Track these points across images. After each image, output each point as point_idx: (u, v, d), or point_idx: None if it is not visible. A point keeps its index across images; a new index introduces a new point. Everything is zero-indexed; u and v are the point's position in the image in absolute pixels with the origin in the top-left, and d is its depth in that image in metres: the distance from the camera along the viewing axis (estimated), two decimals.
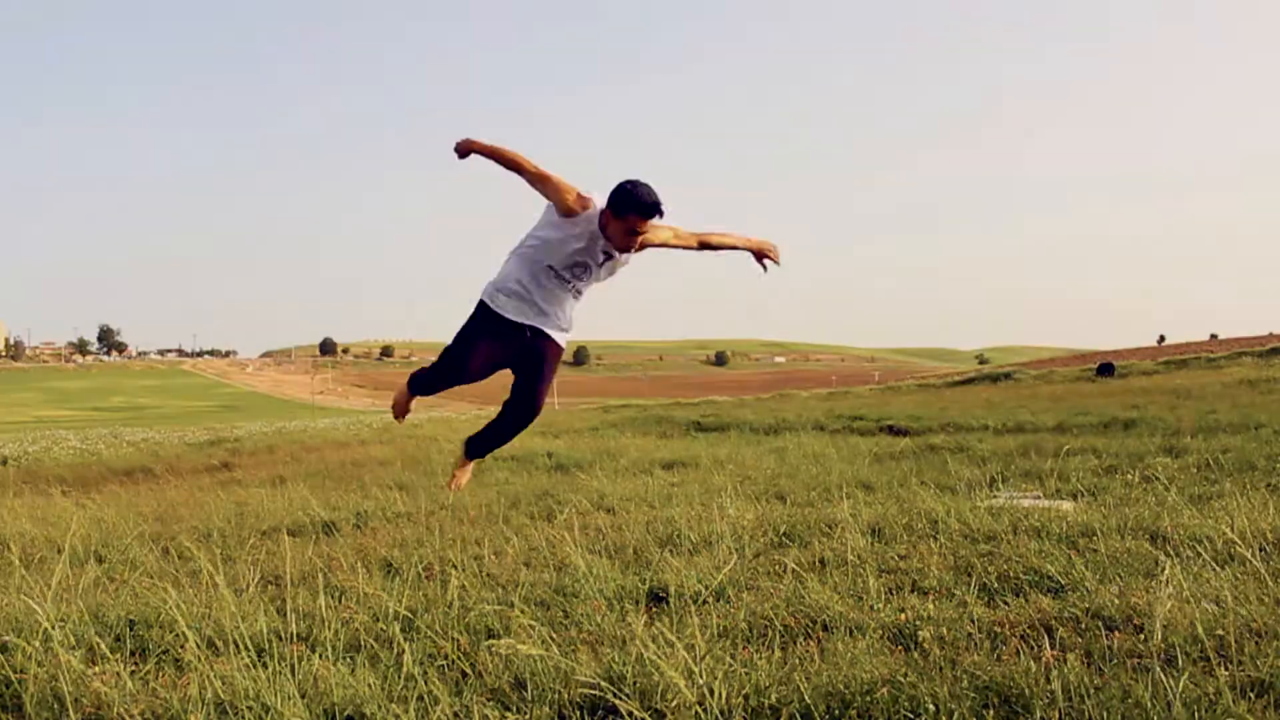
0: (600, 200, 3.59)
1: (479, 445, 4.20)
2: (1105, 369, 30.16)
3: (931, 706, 2.79)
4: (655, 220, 3.56)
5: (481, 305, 3.84)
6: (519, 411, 3.94)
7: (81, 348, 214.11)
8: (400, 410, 4.34)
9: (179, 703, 3.06)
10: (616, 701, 2.84)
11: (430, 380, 4.05)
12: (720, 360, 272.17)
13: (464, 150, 3.65)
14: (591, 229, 3.60)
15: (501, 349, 3.83)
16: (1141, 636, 3.25)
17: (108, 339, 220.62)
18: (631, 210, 3.50)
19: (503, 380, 4.05)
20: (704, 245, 3.91)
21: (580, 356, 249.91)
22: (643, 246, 3.72)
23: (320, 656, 3.43)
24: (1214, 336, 63.24)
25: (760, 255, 3.88)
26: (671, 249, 3.87)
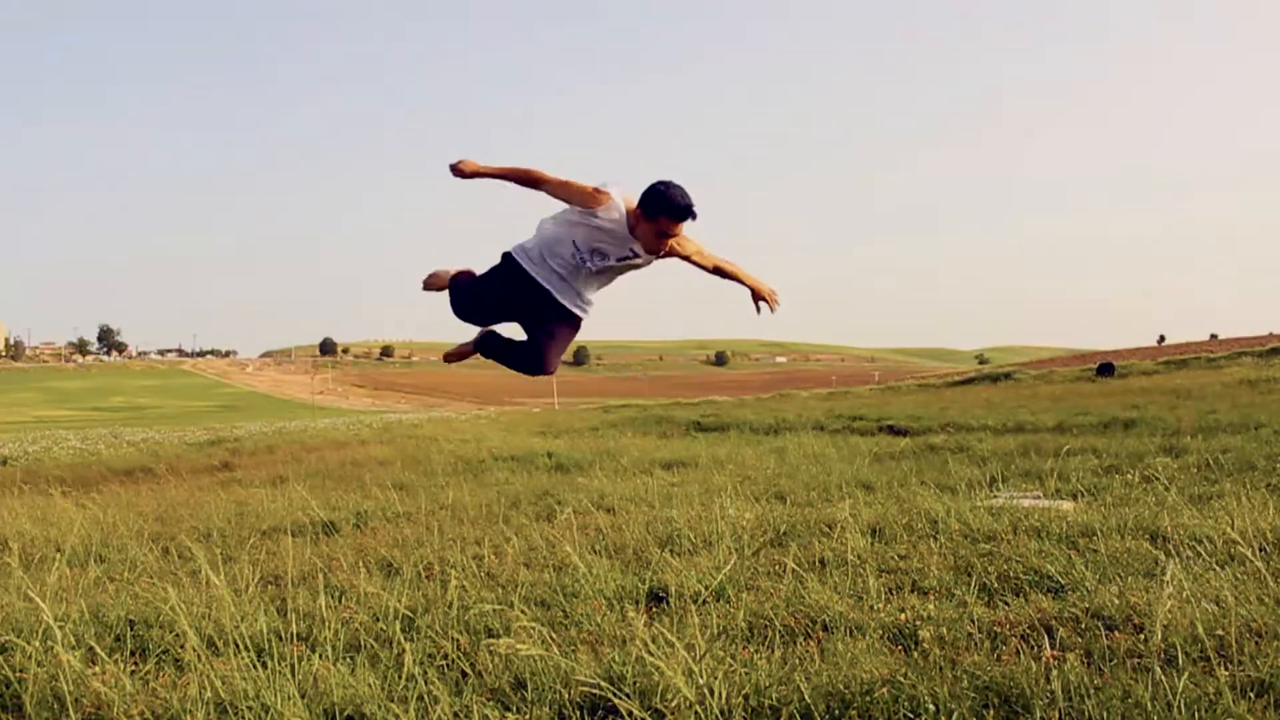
0: (618, 192, 3.58)
1: (488, 348, 4.12)
2: (1105, 369, 30.18)
3: (931, 706, 2.79)
4: (687, 223, 3.54)
5: (506, 256, 3.81)
6: (527, 362, 3.89)
7: (81, 348, 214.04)
8: (430, 285, 4.23)
9: (179, 703, 3.06)
10: (616, 701, 2.84)
11: (462, 289, 3.99)
12: (720, 360, 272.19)
13: (466, 173, 3.59)
14: (618, 227, 3.57)
15: (513, 302, 3.80)
16: (1141, 636, 3.25)
17: (108, 339, 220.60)
18: (663, 212, 3.47)
19: (503, 382, 4.03)
20: (717, 270, 3.93)
21: (580, 356, 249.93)
22: (670, 253, 3.71)
23: (320, 656, 3.43)
24: (1214, 336, 63.22)
25: (759, 296, 3.89)
26: (691, 264, 3.86)
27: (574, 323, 3.86)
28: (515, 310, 3.88)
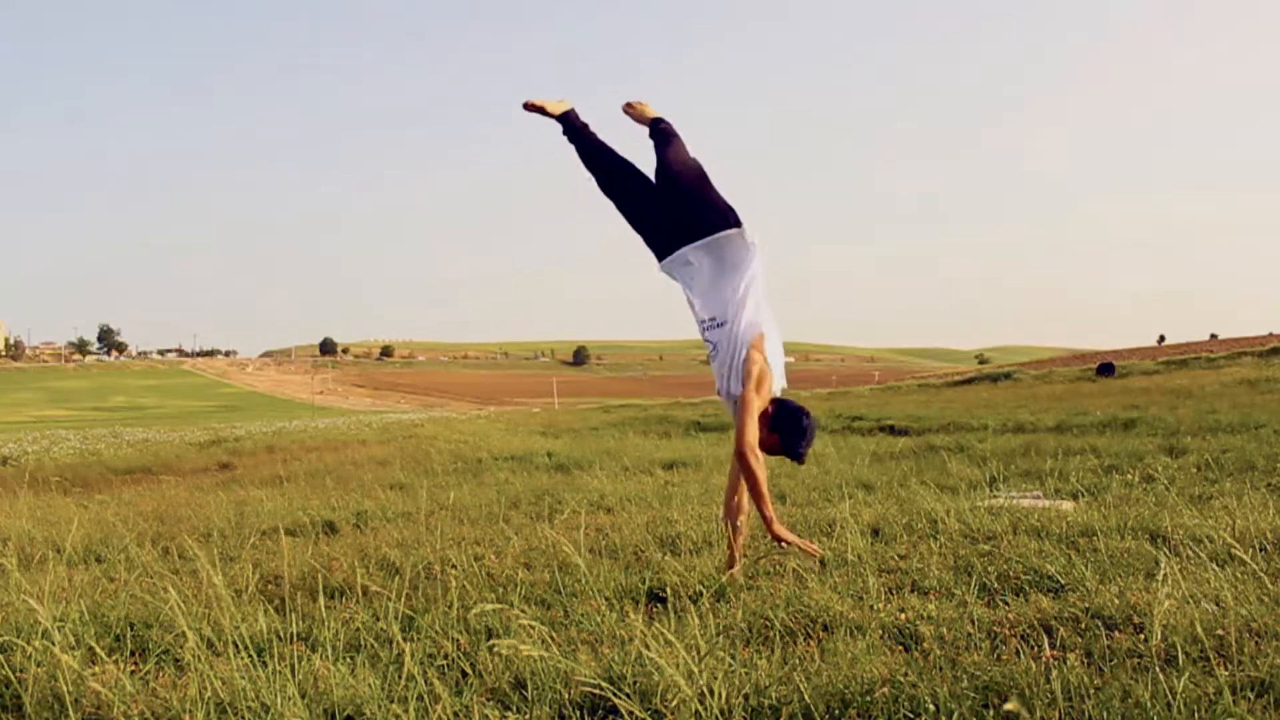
0: (770, 388, 3.49)
1: (579, 136, 3.91)
2: (1105, 369, 30.20)
3: (931, 706, 2.79)
4: (796, 461, 3.64)
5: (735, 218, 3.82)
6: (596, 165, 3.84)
7: (81, 348, 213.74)
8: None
9: (179, 703, 3.06)
10: (616, 701, 2.83)
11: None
12: None
13: (782, 540, 3.59)
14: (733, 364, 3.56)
15: (656, 191, 3.81)
16: (1141, 636, 3.24)
17: (108, 339, 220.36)
18: (783, 436, 3.44)
19: (503, 382, 4.04)
20: (747, 477, 3.88)
21: (580, 356, 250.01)
22: (741, 428, 3.75)
23: (320, 656, 3.43)
24: (1214, 336, 63.30)
25: (734, 554, 3.85)
26: (738, 431, 3.81)
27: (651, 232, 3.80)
28: (645, 187, 3.82)
